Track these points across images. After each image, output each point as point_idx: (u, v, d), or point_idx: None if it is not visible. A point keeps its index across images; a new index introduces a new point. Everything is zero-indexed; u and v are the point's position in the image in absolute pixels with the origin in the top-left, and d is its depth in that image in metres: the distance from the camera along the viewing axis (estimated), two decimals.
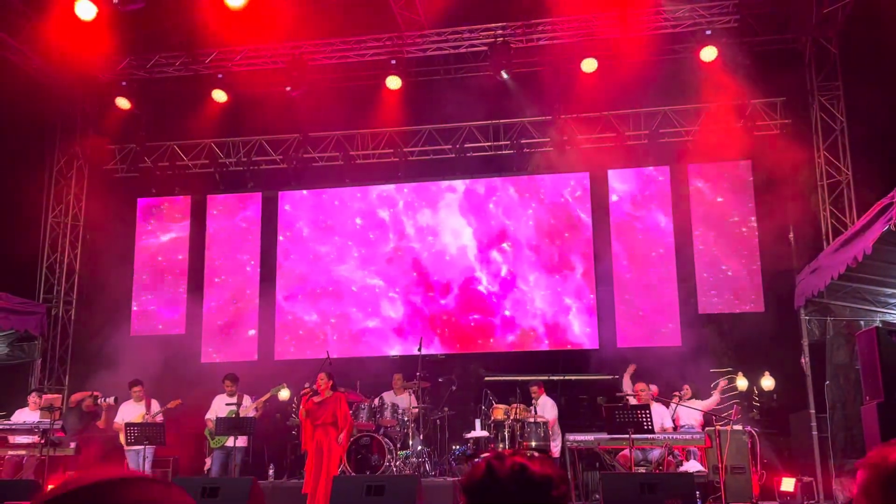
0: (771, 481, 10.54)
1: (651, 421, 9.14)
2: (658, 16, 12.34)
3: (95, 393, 11.24)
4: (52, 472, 10.06)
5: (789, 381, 11.63)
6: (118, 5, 10.59)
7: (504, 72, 12.68)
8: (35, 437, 10.12)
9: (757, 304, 12.45)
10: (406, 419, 11.07)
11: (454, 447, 11.51)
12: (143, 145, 14.15)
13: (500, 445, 10.35)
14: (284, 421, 12.05)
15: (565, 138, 13.20)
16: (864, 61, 11.77)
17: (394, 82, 13.08)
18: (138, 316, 14.06)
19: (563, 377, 12.13)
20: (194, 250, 14.26)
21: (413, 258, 13.78)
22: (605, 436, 9.61)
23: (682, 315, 12.58)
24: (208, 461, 11.09)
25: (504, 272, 13.52)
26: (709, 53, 12.18)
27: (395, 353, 13.33)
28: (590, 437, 9.95)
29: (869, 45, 11.60)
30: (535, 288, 13.35)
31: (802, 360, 11.44)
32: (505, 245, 13.60)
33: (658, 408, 10.39)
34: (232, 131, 14.13)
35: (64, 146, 14.38)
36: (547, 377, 11.84)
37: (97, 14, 11.08)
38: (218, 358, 13.63)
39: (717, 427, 9.37)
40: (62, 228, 14.24)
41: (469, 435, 10.77)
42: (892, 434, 7.17)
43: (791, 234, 12.11)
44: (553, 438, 10.87)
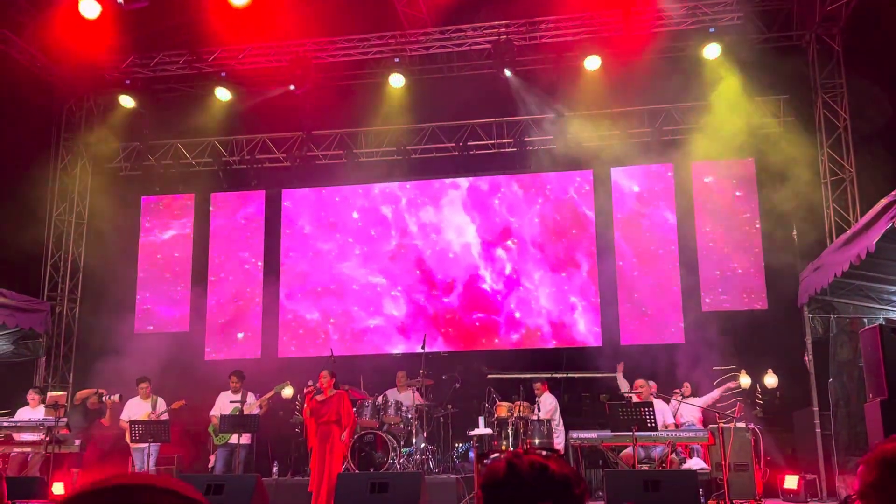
0: (774, 479, 10.54)
1: (654, 418, 9.15)
2: (661, 13, 12.33)
3: (100, 390, 11.26)
4: (57, 469, 10.10)
5: (793, 379, 11.62)
6: (123, 5, 10.60)
7: (507, 69, 12.70)
8: (40, 435, 10.15)
9: (760, 301, 12.45)
10: (410, 416, 11.08)
11: (458, 445, 11.53)
12: (147, 143, 14.17)
13: (504, 443, 10.37)
14: (288, 418, 12.07)
15: (568, 136, 13.20)
16: (867, 58, 11.74)
17: (397, 80, 13.09)
18: (142, 313, 14.09)
19: (566, 375, 12.13)
20: (198, 248, 14.29)
21: (416, 256, 13.76)
22: (608, 433, 9.62)
23: (686, 312, 12.58)
24: (212, 458, 11.12)
25: (508, 270, 13.50)
26: (712, 51, 12.18)
27: (398, 352, 13.34)
28: (593, 434, 9.96)
29: (872, 42, 11.59)
30: (541, 286, 13.32)
31: (806, 358, 11.43)
32: (509, 242, 13.59)
33: (660, 404, 10.39)
34: (235, 129, 14.15)
35: (68, 144, 14.41)
36: (550, 374, 11.85)
37: (101, 12, 11.10)
38: (221, 355, 13.66)
39: (721, 424, 9.37)
40: (66, 226, 14.28)
41: (472, 432, 10.78)
42: (895, 431, 7.17)
43: (794, 232, 12.10)
44: (555, 434, 10.89)
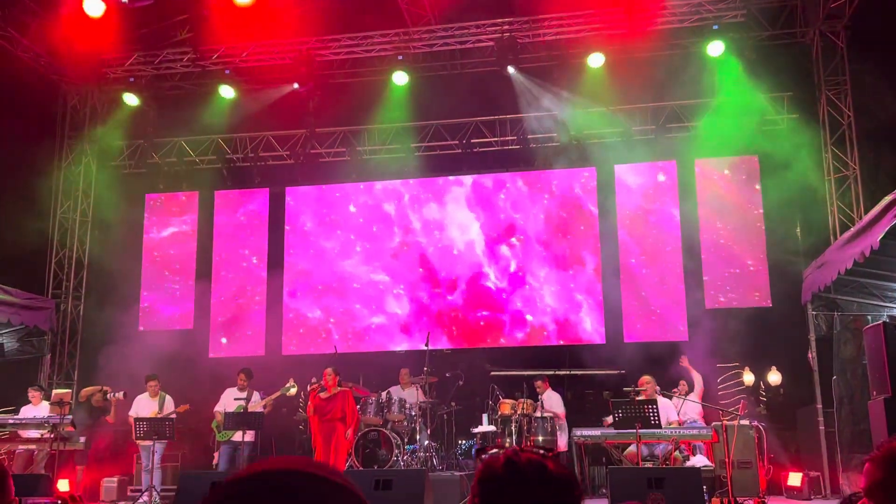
0: (778, 476, 10.55)
1: (658, 416, 9.16)
2: (665, 10, 12.32)
3: (105, 388, 11.29)
4: (63, 466, 10.14)
5: (796, 376, 11.63)
6: (127, 3, 10.63)
7: (510, 67, 12.70)
8: (45, 432, 10.19)
9: (764, 298, 12.44)
10: (413, 414, 11.10)
11: (461, 442, 11.55)
12: (151, 141, 14.19)
13: (508, 440, 10.38)
14: (291, 416, 12.11)
15: (572, 133, 13.19)
16: (871, 55, 11.72)
17: (400, 78, 13.09)
18: (147, 311, 14.12)
19: (569, 372, 12.14)
20: (202, 245, 14.31)
21: (419, 253, 13.74)
22: (611, 430, 9.62)
23: (689, 310, 12.58)
24: (216, 456, 11.16)
25: (513, 268, 13.47)
26: (716, 48, 12.17)
27: (401, 349, 13.34)
28: (596, 431, 9.97)
29: (876, 39, 11.56)
30: (546, 284, 13.28)
31: (809, 355, 11.43)
32: (514, 240, 13.56)
33: (663, 402, 10.39)
34: (239, 127, 14.16)
35: (73, 142, 14.44)
36: (553, 372, 11.85)
37: (105, 10, 11.13)
38: (225, 353, 13.69)
39: (724, 422, 9.37)
40: (71, 224, 14.30)
41: (476, 430, 10.81)
42: None
43: (798, 229, 12.09)
44: (560, 433, 10.89)
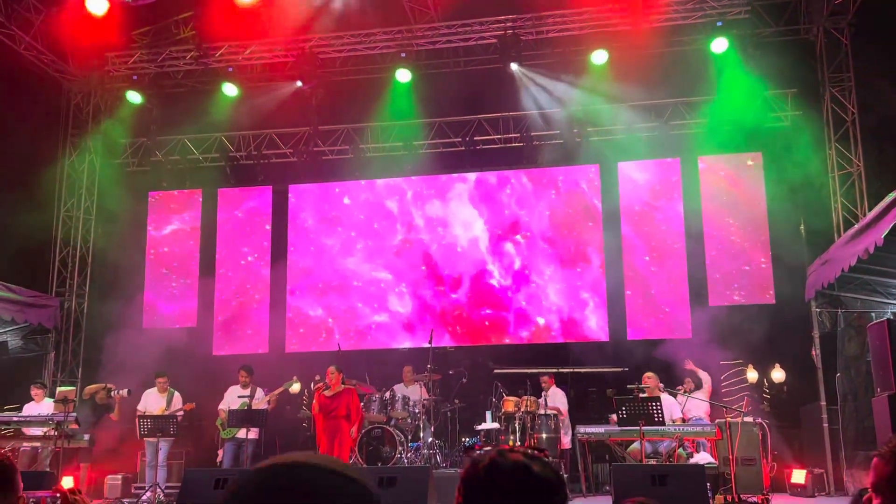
0: (782, 473, 10.55)
1: (661, 413, 9.16)
2: (668, 7, 12.30)
3: (109, 385, 11.32)
4: (67, 463, 10.15)
5: (800, 373, 11.62)
6: (131, 1, 10.64)
7: (514, 64, 12.69)
8: (49, 430, 10.21)
9: (768, 296, 12.42)
10: (417, 411, 11.11)
11: (465, 439, 11.55)
12: (155, 139, 14.19)
13: (511, 437, 10.38)
14: (295, 413, 12.13)
15: (575, 130, 13.18)
16: (875, 52, 11.69)
17: (403, 75, 13.09)
18: (150, 309, 14.13)
19: (572, 370, 12.13)
20: (205, 243, 14.32)
21: (422, 251, 13.70)
22: (615, 428, 9.62)
23: (693, 307, 12.56)
24: (220, 453, 11.19)
25: (518, 265, 13.42)
26: (720, 45, 12.15)
27: (404, 347, 13.33)
28: (600, 429, 9.97)
29: (880, 36, 11.54)
30: (551, 281, 13.21)
31: (813, 352, 11.42)
32: (518, 237, 13.52)
33: (667, 399, 10.39)
34: (242, 125, 14.16)
35: (76, 140, 14.45)
36: (556, 369, 11.84)
37: (108, 8, 11.14)
38: (229, 350, 13.70)
39: (728, 419, 9.37)
40: (74, 222, 14.32)
41: (480, 427, 10.80)
42: None
43: (802, 226, 12.07)
44: (564, 430, 10.89)
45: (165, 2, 11.37)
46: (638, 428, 9.02)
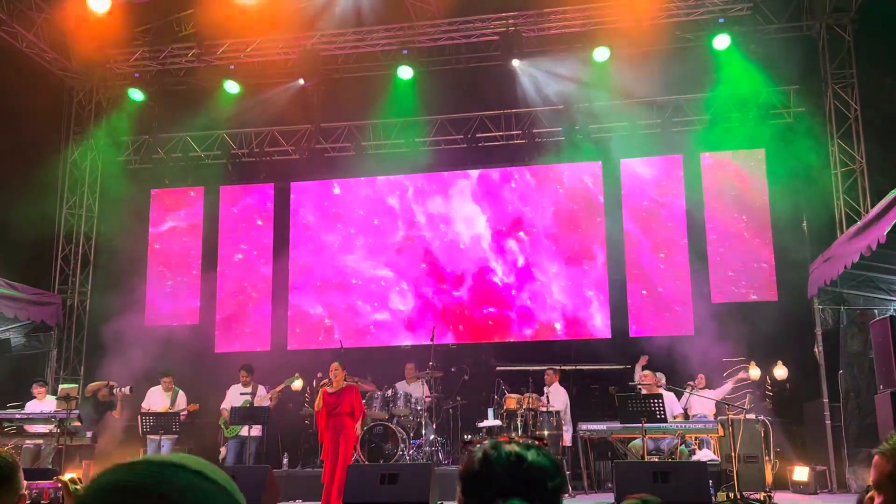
0: (784, 470, 10.53)
1: (664, 410, 9.15)
2: (670, 3, 12.28)
3: (111, 383, 11.32)
4: (69, 461, 10.17)
5: (803, 371, 11.60)
6: None
7: (516, 61, 12.67)
8: (52, 427, 10.22)
9: (770, 293, 12.41)
10: (419, 408, 11.11)
11: (466, 436, 11.55)
12: (156, 136, 14.21)
13: (513, 435, 10.37)
14: (298, 410, 12.13)
15: (577, 127, 13.16)
16: (878, 48, 11.67)
17: (405, 72, 13.07)
18: (152, 306, 14.14)
19: (575, 367, 12.12)
20: (207, 241, 14.32)
21: (424, 248, 13.66)
22: (617, 425, 9.61)
23: (695, 304, 12.55)
24: (223, 450, 11.20)
25: (521, 262, 13.37)
26: (722, 41, 12.13)
27: (406, 344, 13.31)
28: (602, 426, 9.96)
29: (883, 32, 11.51)
30: (555, 279, 13.15)
31: (816, 350, 11.41)
32: (522, 233, 13.47)
33: (667, 395, 10.38)
34: (244, 122, 14.16)
35: (78, 138, 14.45)
36: (559, 367, 11.83)
37: (110, 6, 11.14)
38: (231, 348, 13.70)
39: (731, 416, 9.36)
40: (77, 219, 14.32)
41: (482, 424, 10.81)
42: None
43: (804, 223, 12.05)
44: (565, 427, 10.89)
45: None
46: (640, 425, 9.01)
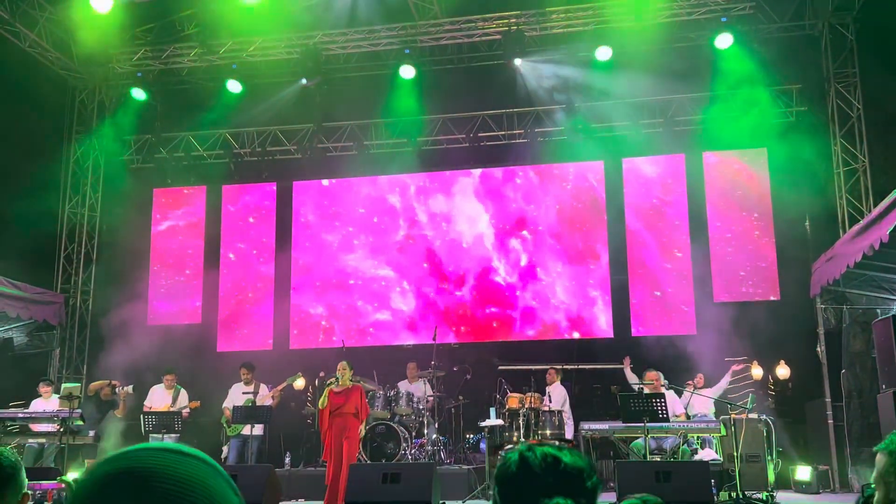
0: (787, 470, 10.53)
1: (666, 409, 9.14)
2: (673, 3, 12.27)
3: (113, 382, 11.33)
4: (72, 460, 10.18)
5: (805, 370, 11.59)
6: None
7: (518, 60, 12.67)
8: (55, 426, 10.23)
9: (773, 292, 12.40)
10: (421, 408, 11.11)
11: (469, 435, 11.56)
12: (159, 135, 14.22)
13: (515, 434, 10.37)
14: (300, 410, 12.14)
15: (579, 127, 13.16)
16: (881, 47, 11.66)
17: (408, 71, 13.07)
18: (154, 305, 14.15)
19: (576, 366, 12.12)
20: (209, 240, 14.33)
21: (426, 247, 13.63)
22: (619, 424, 9.61)
23: (698, 303, 12.54)
24: (225, 449, 11.21)
25: (524, 262, 13.34)
26: (724, 40, 12.12)
27: (408, 344, 13.31)
28: (604, 425, 9.95)
29: (886, 31, 11.49)
30: (558, 279, 13.11)
31: (818, 349, 11.40)
32: (525, 232, 13.44)
33: (669, 395, 10.38)
34: (246, 121, 14.17)
35: (80, 137, 14.47)
36: (561, 366, 11.83)
37: (112, 5, 11.15)
38: (233, 347, 13.71)
39: (733, 415, 9.36)
40: (79, 219, 14.34)
41: (484, 423, 10.80)
42: None
43: (807, 223, 12.05)
44: (567, 426, 10.89)
45: None
46: (642, 424, 9.01)
